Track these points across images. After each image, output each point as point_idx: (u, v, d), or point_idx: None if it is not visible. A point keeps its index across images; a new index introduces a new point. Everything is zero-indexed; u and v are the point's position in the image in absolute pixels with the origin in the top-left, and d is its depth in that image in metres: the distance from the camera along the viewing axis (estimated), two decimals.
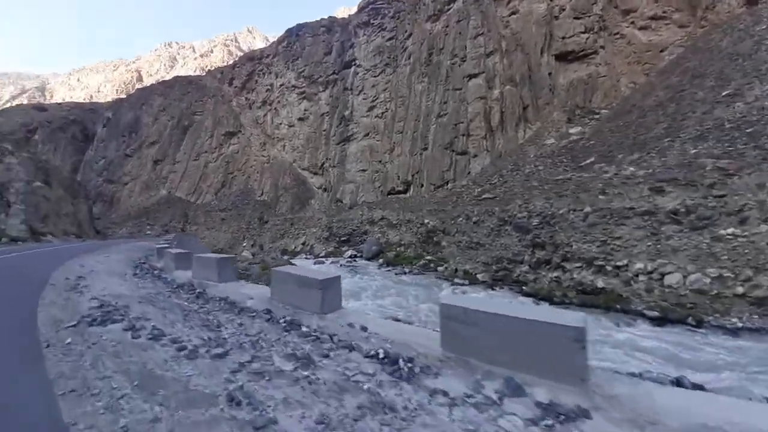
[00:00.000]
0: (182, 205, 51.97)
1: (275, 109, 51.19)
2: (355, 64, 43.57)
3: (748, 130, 16.66)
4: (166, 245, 13.01)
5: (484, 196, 23.45)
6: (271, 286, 5.17)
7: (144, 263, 11.15)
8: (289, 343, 3.33)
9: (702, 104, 21.28)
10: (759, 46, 21.96)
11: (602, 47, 33.69)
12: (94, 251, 16.38)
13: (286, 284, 4.81)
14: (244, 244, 44.13)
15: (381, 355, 2.95)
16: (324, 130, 45.76)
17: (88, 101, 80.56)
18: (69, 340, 3.36)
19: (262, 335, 3.57)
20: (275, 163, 50.28)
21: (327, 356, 3.03)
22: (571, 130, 30.99)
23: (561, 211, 16.77)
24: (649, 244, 13.93)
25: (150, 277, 8.16)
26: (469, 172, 34.99)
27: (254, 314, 4.40)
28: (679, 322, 12.13)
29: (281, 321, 4.02)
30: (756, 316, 11.46)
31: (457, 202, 27.76)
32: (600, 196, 15.73)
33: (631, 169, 18.60)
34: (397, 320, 7.82)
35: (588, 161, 23.17)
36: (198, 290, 6.04)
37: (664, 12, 31.05)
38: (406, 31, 40.20)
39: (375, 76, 42.07)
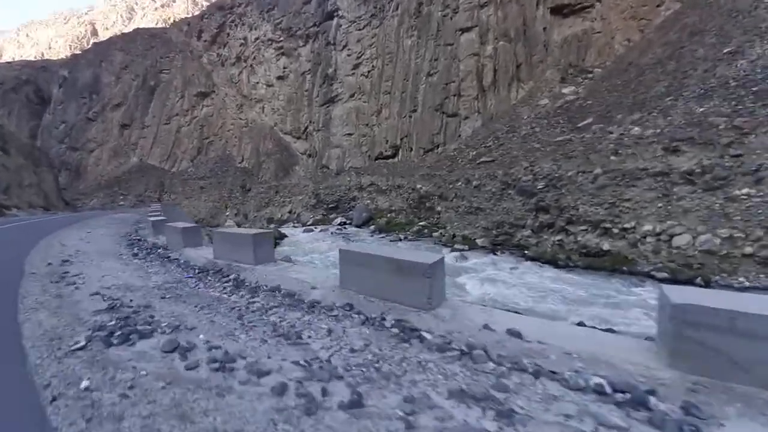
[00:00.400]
0: (156, 173, 48.35)
1: (251, 66, 46.96)
2: (337, 15, 39.87)
3: (754, 89, 16.05)
4: (162, 217, 11.17)
5: (481, 160, 22.40)
6: (341, 271, 3.96)
7: (139, 239, 9.43)
8: (428, 365, 2.20)
9: (703, 62, 20.49)
10: (758, 3, 21.07)
11: (599, 0, 31.96)
12: (71, 225, 14.21)
13: (367, 269, 3.62)
14: (227, 214, 41.95)
15: (606, 389, 1.89)
16: (306, 90, 42.60)
17: (39, 59, 71.67)
18: (86, 383, 2.05)
19: (375, 350, 2.41)
20: (255, 127, 46.98)
21: (507, 389, 1.94)
22: (565, 90, 29.91)
23: (569, 174, 16.02)
24: (659, 205, 13.50)
25: (156, 258, 6.61)
26: (459, 135, 33.65)
27: (335, 312, 3.21)
28: (687, 282, 11.98)
29: (386, 324, 2.85)
30: (763, 276, 11.35)
31: (452, 167, 26.63)
32: (612, 157, 14.99)
33: (636, 129, 17.89)
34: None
35: (585, 122, 22.35)
36: (232, 276, 4.67)
37: None
38: None
39: (360, 29, 38.77)
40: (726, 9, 22.85)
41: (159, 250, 7.46)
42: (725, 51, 19.70)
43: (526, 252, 16.71)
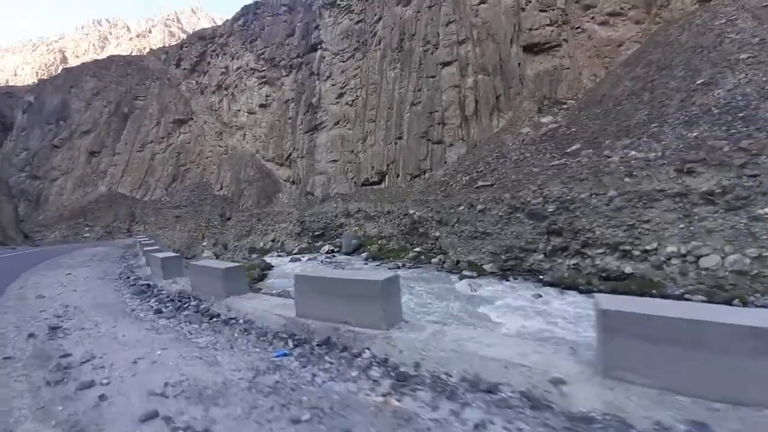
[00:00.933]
0: (126, 202, 44.40)
1: (232, 94, 45.17)
2: (321, 48, 39.40)
3: (740, 115, 16.45)
4: (171, 253, 8.73)
5: (480, 184, 21.74)
6: (613, 349, 2.34)
7: (147, 284, 7.12)
8: None
9: (677, 92, 21.26)
10: (722, 39, 22.30)
11: (565, 40, 33.55)
12: (39, 265, 11.34)
13: (698, 350, 2.02)
14: (204, 244, 38.86)
15: None
16: (289, 118, 41.25)
17: (4, 85, 65.80)
18: None
19: None
20: (235, 154, 44.69)
21: None
22: (543, 120, 30.59)
23: (582, 196, 15.48)
24: (681, 226, 13.05)
25: (195, 317, 4.66)
26: (445, 162, 33.37)
27: None
28: (725, 304, 11.42)
29: None
30: None
31: (446, 191, 25.87)
32: (626, 179, 14.61)
33: (633, 152, 17.90)
34: None
35: (573, 148, 22.47)
36: (365, 354, 2.87)
37: (621, 8, 31.41)
38: (375, 15, 36.96)
39: (344, 61, 38.40)
40: (689, 46, 24.12)
41: (190, 302, 5.43)
42: (698, 82, 20.49)
43: (541, 277, 15.74)
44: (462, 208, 20.04)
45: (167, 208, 44.04)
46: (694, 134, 16.75)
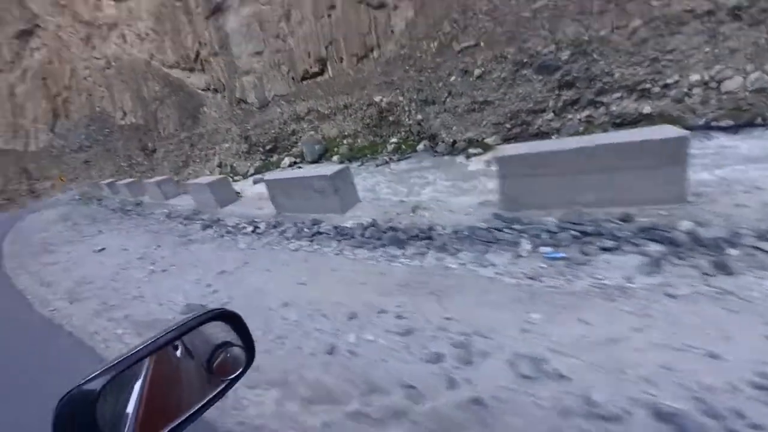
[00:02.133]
0: (11, 158, 33.14)
1: None
2: None
3: None
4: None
5: (461, 47, 17.62)
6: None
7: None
8: None
9: None
10: None
11: None
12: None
13: None
14: None
15: None
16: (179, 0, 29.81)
17: None
18: None
19: None
20: (122, 67, 33.14)
21: None
22: None
23: (601, 33, 12.77)
24: (706, 50, 11.43)
25: None
26: (392, 31, 27.19)
27: None
28: (748, 125, 11.00)
29: None
30: None
31: (417, 66, 21.28)
32: (654, 2, 11.95)
33: None
34: None
35: None
36: None
37: None
38: None
39: None
40: None
41: None
42: None
43: (554, 137, 13.96)
44: (453, 78, 16.43)
45: (67, 154, 33.89)
46: None
